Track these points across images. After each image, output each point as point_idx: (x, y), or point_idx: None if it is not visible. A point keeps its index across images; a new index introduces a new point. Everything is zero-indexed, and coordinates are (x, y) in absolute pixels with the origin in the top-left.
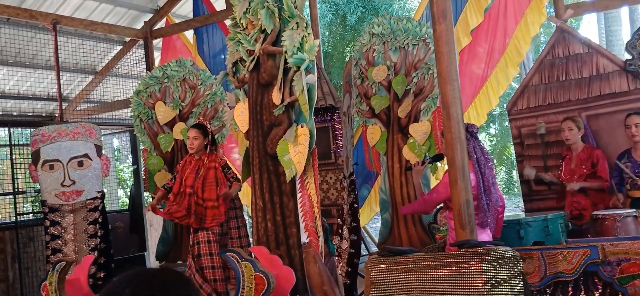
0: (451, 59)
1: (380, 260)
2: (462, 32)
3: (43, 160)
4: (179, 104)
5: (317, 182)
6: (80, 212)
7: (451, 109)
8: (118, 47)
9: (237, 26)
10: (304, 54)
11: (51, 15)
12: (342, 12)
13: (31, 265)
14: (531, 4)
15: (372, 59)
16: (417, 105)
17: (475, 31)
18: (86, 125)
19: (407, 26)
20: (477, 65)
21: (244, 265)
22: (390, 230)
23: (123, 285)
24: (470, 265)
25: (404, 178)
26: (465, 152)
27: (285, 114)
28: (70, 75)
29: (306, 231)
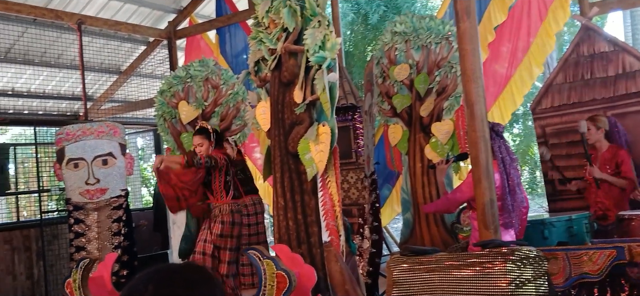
0: (475, 57)
1: (403, 260)
2: (486, 29)
3: (68, 158)
4: (202, 104)
5: (338, 180)
6: (104, 210)
7: (475, 107)
8: (142, 47)
9: (259, 25)
10: (326, 52)
11: (76, 15)
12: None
13: (56, 263)
14: (555, 2)
15: (394, 57)
16: (439, 104)
17: (499, 30)
18: (110, 124)
19: (429, 24)
20: (500, 65)
21: (266, 263)
22: (412, 230)
23: (145, 281)
24: (494, 265)
25: (426, 178)
26: (489, 151)
27: (306, 113)
28: (94, 75)
29: (327, 230)
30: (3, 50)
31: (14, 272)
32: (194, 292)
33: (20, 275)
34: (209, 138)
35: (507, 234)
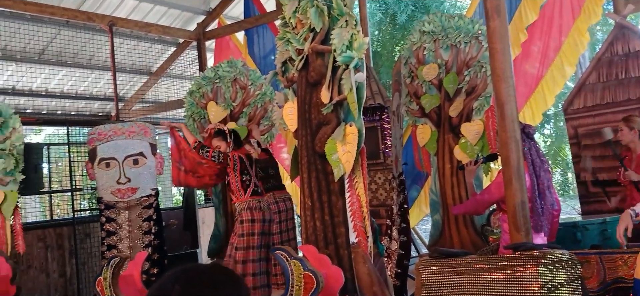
0: (505, 56)
1: (432, 262)
2: (518, 28)
3: (99, 158)
4: (230, 104)
5: (365, 181)
6: (135, 209)
7: (506, 108)
8: (172, 49)
9: (286, 26)
10: (353, 52)
11: (108, 17)
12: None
13: (87, 261)
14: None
15: (422, 57)
16: (469, 104)
17: (529, 29)
18: (141, 124)
19: (458, 23)
20: (530, 65)
21: (293, 263)
22: (441, 231)
23: (173, 281)
24: (525, 269)
25: (456, 178)
26: (520, 152)
27: (333, 113)
28: (126, 76)
29: (355, 231)
30: (37, 51)
31: (47, 270)
32: (220, 292)
33: (54, 272)
34: (226, 139)
35: (537, 237)
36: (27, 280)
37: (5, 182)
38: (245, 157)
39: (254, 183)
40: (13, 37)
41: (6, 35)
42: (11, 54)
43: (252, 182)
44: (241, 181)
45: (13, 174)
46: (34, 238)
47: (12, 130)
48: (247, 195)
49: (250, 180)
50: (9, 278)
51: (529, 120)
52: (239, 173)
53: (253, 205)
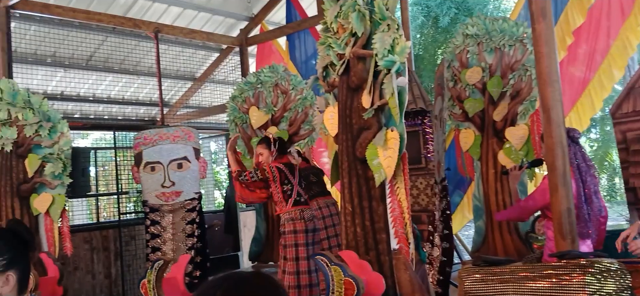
0: (551, 59)
1: (475, 270)
2: (564, 31)
3: (145, 162)
4: (272, 109)
5: (407, 187)
6: (178, 212)
7: (552, 112)
8: (215, 54)
9: (328, 30)
10: (395, 56)
11: (153, 24)
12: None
13: (132, 263)
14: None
15: (465, 60)
16: (513, 108)
17: (575, 31)
18: (185, 129)
19: (503, 26)
20: (577, 68)
21: (334, 269)
22: (484, 238)
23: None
24: (572, 278)
25: (499, 184)
26: (566, 157)
27: (374, 118)
28: (170, 82)
29: (396, 237)
30: (85, 57)
31: (93, 271)
32: None
33: (99, 274)
34: (269, 147)
35: (583, 245)
36: (73, 281)
37: (53, 185)
38: (285, 166)
39: (296, 193)
40: (62, 43)
41: (55, 42)
42: (60, 60)
43: (294, 192)
44: (283, 192)
45: (61, 178)
46: (81, 240)
47: (60, 134)
48: (288, 205)
49: (292, 190)
50: (56, 279)
51: (575, 125)
52: (279, 184)
53: (295, 216)
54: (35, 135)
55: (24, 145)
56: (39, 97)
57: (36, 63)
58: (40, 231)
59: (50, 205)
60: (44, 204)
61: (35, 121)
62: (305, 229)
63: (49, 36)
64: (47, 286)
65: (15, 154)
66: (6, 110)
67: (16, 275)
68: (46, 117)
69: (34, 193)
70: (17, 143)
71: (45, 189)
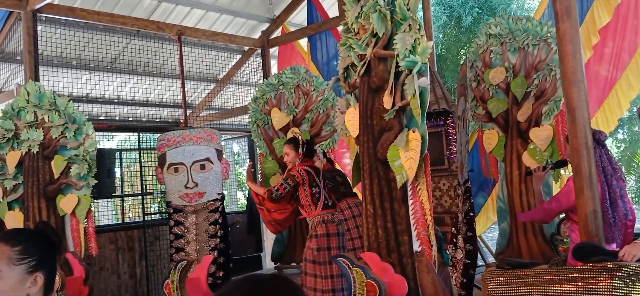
0: (576, 59)
1: (499, 273)
2: (590, 30)
3: (169, 163)
4: (293, 110)
5: (429, 188)
6: (201, 213)
7: (577, 113)
8: (237, 56)
9: (349, 31)
10: (416, 56)
11: (176, 27)
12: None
13: (156, 263)
14: None
15: (489, 60)
16: (538, 108)
17: (602, 30)
18: (208, 131)
19: (526, 26)
20: (603, 67)
21: (355, 271)
22: (508, 240)
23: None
24: (598, 281)
25: (524, 185)
26: (592, 159)
27: (396, 119)
28: (193, 84)
29: (418, 239)
30: (109, 60)
31: (118, 271)
32: None
33: (124, 274)
34: (296, 149)
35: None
36: (99, 281)
37: (79, 186)
38: (312, 169)
39: (324, 196)
40: (87, 46)
41: (80, 45)
42: (85, 62)
43: (322, 195)
44: (311, 195)
45: (86, 179)
46: (106, 240)
47: (85, 136)
48: (318, 209)
49: (319, 193)
50: (82, 279)
51: (602, 126)
52: (308, 187)
53: (327, 218)
54: (61, 136)
55: (50, 146)
56: (65, 99)
57: (62, 66)
58: (66, 232)
59: (76, 205)
60: (70, 205)
61: (61, 123)
62: (337, 232)
63: (75, 39)
64: (73, 286)
65: (42, 156)
66: (33, 112)
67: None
68: (72, 119)
69: (60, 194)
70: (43, 144)
71: (71, 190)
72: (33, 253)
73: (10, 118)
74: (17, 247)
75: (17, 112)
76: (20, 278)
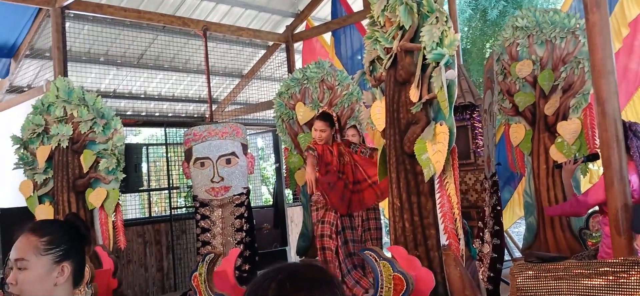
0: (606, 50)
1: (528, 266)
2: (619, 23)
3: (195, 157)
4: (318, 104)
5: (457, 182)
6: (227, 207)
7: (606, 105)
8: (262, 51)
9: (374, 24)
10: (444, 49)
11: (201, 22)
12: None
13: (183, 256)
14: None
15: (515, 53)
16: (565, 101)
17: (632, 23)
18: (233, 125)
19: (554, 18)
20: (633, 60)
21: (382, 264)
22: (535, 235)
23: (269, 279)
24: (630, 275)
25: (551, 180)
26: (623, 152)
27: (423, 112)
28: (218, 79)
29: (445, 233)
30: (136, 56)
31: (146, 264)
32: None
33: (152, 267)
34: (332, 125)
35: None
36: (127, 274)
37: (107, 180)
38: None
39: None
40: (114, 42)
41: (108, 41)
42: (112, 58)
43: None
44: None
45: (115, 173)
46: (134, 234)
47: (113, 131)
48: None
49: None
50: (111, 272)
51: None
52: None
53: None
54: (89, 131)
55: (79, 141)
56: (93, 95)
57: (89, 61)
58: (95, 225)
59: (104, 199)
60: (99, 199)
61: (89, 118)
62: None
63: (102, 35)
64: (102, 279)
65: (71, 150)
66: (62, 107)
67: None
68: (100, 114)
69: (89, 188)
70: (72, 139)
71: (99, 184)
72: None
73: (40, 113)
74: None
75: (47, 107)
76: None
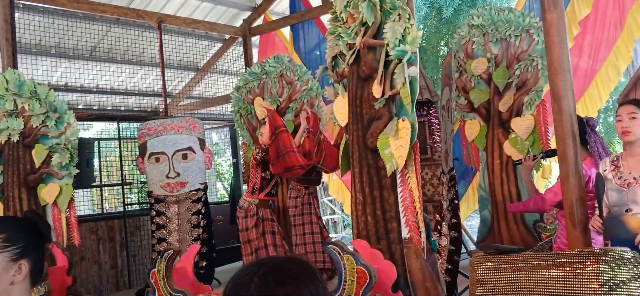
0: (562, 48)
1: (487, 258)
2: (570, 22)
3: (150, 152)
4: (277, 99)
5: (418, 176)
6: (184, 203)
7: (563, 102)
8: (218, 45)
9: (337, 20)
10: (407, 46)
11: (156, 15)
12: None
13: (138, 253)
14: None
15: (471, 51)
16: (519, 98)
17: (582, 22)
18: (190, 120)
19: (509, 17)
20: (582, 60)
21: (346, 257)
22: (489, 228)
23: (251, 274)
24: (585, 266)
25: (505, 174)
26: (578, 147)
27: (385, 107)
28: (173, 72)
29: (407, 226)
30: (88, 48)
31: (100, 261)
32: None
33: (105, 264)
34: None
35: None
36: (80, 271)
37: (60, 175)
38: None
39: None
40: (66, 34)
41: (59, 33)
42: (64, 51)
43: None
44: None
45: (68, 168)
46: (87, 230)
47: (67, 125)
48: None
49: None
50: (65, 269)
51: None
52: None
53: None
54: (42, 125)
55: (31, 135)
56: (46, 88)
57: (40, 54)
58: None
59: (57, 195)
60: (52, 194)
61: (41, 112)
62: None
63: (54, 26)
64: (56, 276)
65: (22, 145)
66: (12, 100)
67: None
68: (53, 107)
69: (41, 184)
70: (23, 133)
71: (52, 179)
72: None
73: None
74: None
75: None
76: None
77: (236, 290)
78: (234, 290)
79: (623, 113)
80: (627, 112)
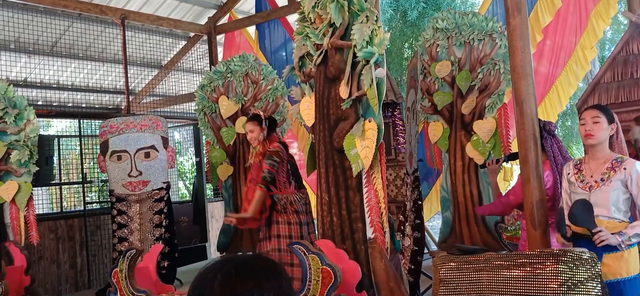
0: (526, 53)
1: (450, 258)
2: (534, 28)
3: (111, 150)
4: (242, 98)
5: (384, 177)
6: (146, 202)
7: (525, 105)
8: (182, 42)
9: (305, 20)
10: (374, 47)
11: (120, 11)
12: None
13: (98, 252)
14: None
15: (435, 54)
16: (481, 101)
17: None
18: (153, 118)
19: (472, 21)
20: (542, 65)
21: (311, 257)
22: (451, 229)
23: (214, 271)
24: (545, 266)
25: (467, 176)
26: (539, 150)
27: (352, 108)
28: (136, 69)
29: (372, 226)
30: (49, 44)
31: (59, 260)
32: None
33: (65, 263)
34: (260, 124)
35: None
36: (38, 271)
37: (19, 173)
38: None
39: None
40: (26, 29)
41: (19, 27)
42: (24, 45)
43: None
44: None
45: (27, 165)
46: (46, 229)
47: (26, 121)
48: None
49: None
50: (23, 269)
51: None
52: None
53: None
54: (0, 121)
55: None
56: (4, 83)
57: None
58: (5, 220)
59: (16, 193)
60: (10, 192)
61: (0, 108)
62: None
63: (13, 21)
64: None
65: None
66: None
67: None
68: (12, 103)
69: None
70: None
71: (10, 177)
72: None
73: None
74: None
75: None
76: None
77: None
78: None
79: (587, 117)
80: (591, 116)
